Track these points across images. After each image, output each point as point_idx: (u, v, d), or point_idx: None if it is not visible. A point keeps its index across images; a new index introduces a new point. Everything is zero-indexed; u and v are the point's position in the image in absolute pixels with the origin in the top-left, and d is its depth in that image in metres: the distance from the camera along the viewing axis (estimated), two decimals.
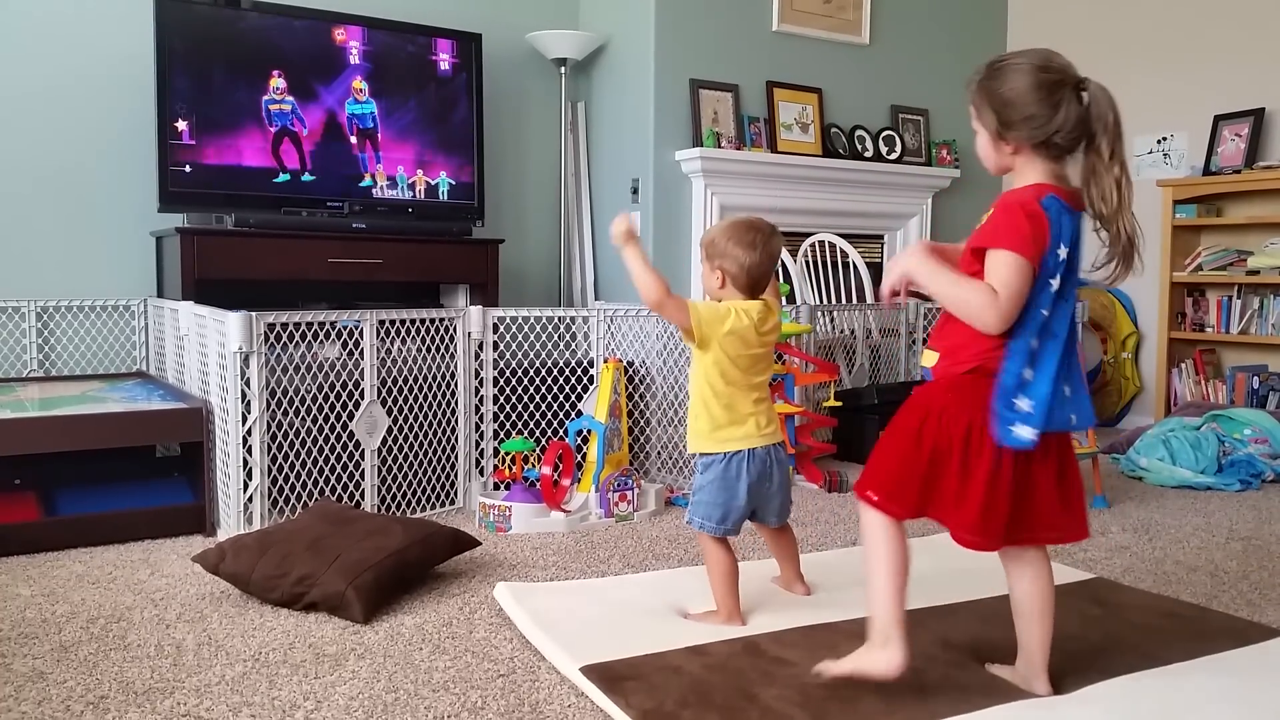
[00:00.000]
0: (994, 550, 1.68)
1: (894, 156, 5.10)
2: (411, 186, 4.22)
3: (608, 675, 1.79)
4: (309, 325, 2.90)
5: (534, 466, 3.06)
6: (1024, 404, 1.60)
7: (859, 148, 5.03)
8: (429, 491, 3.17)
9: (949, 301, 1.64)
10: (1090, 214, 1.64)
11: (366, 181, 4.11)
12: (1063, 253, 1.59)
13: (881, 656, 1.68)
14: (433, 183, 4.26)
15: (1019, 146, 1.63)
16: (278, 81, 3.90)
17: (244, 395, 2.76)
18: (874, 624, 1.71)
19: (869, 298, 4.38)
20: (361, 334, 2.98)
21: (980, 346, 1.63)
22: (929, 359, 1.73)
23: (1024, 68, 1.60)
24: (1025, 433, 1.60)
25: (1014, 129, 1.62)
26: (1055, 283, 1.60)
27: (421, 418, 3.13)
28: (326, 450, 2.93)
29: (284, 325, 2.86)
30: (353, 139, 4.07)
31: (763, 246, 2.06)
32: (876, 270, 5.06)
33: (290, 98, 3.93)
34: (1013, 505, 1.64)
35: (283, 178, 3.93)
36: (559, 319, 3.59)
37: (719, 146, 4.54)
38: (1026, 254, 1.57)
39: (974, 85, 1.67)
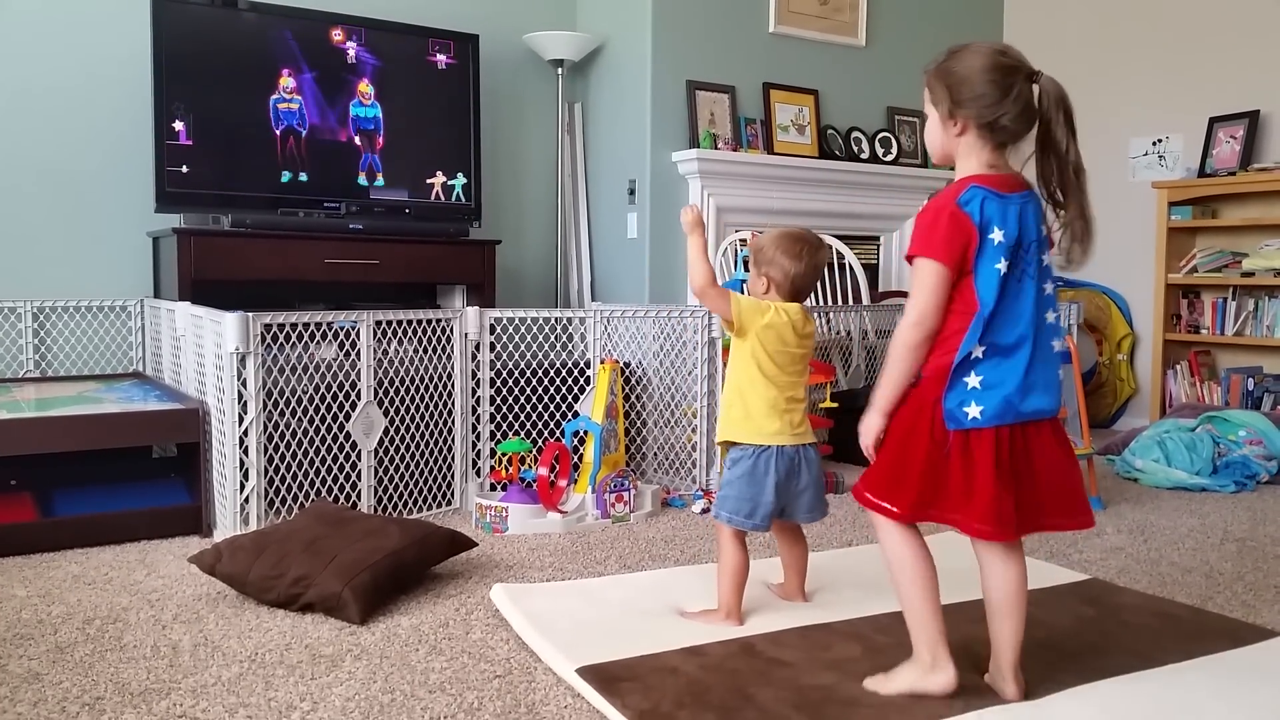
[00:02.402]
0: (1012, 539, 1.67)
1: (890, 158, 5.11)
2: (408, 187, 4.22)
3: (604, 676, 1.79)
4: (305, 326, 2.90)
5: (531, 467, 3.06)
6: (973, 380, 1.62)
7: (855, 149, 5.04)
8: (426, 492, 3.17)
9: (895, 368, 1.69)
10: (1044, 197, 1.68)
11: (363, 182, 4.12)
12: (997, 235, 1.61)
13: (935, 679, 1.71)
14: (430, 183, 4.26)
15: (966, 126, 1.67)
16: (287, 81, 3.91)
17: (240, 396, 2.76)
18: (916, 642, 1.73)
19: (865, 299, 4.38)
20: (358, 335, 2.98)
21: (964, 336, 1.65)
22: None
23: (982, 50, 1.67)
24: (973, 411, 1.62)
25: (964, 107, 1.66)
26: (1002, 266, 1.61)
27: (418, 419, 3.13)
28: (323, 451, 2.93)
29: (280, 326, 2.86)
30: (351, 140, 4.07)
31: (808, 258, 2.15)
32: (872, 272, 5.07)
33: (299, 97, 3.93)
34: (1019, 489, 1.64)
35: (281, 178, 3.93)
36: (556, 320, 3.59)
37: (715, 148, 4.55)
38: (936, 256, 1.62)
39: (932, 68, 1.71)
